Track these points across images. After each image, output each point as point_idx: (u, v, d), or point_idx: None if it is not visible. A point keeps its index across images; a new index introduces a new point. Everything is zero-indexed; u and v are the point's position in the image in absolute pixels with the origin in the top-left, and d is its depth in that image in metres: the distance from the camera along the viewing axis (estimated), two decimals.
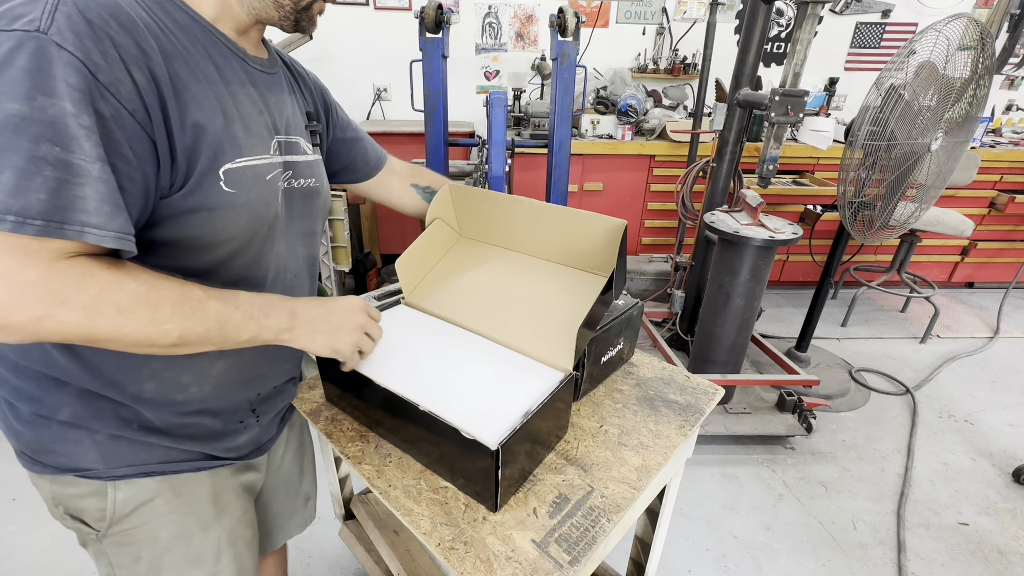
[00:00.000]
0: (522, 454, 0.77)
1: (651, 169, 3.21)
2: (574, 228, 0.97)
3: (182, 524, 0.79)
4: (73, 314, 0.51)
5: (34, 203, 0.47)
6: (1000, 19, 2.57)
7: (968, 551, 1.75)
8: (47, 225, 0.48)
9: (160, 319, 0.56)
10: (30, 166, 0.47)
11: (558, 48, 2.09)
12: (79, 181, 0.49)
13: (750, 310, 2.05)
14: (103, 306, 0.52)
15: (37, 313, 0.49)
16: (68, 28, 0.49)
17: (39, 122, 0.47)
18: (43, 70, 0.48)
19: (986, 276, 3.64)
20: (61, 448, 0.70)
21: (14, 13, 0.49)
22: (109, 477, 0.72)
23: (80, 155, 0.50)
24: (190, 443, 0.76)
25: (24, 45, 0.48)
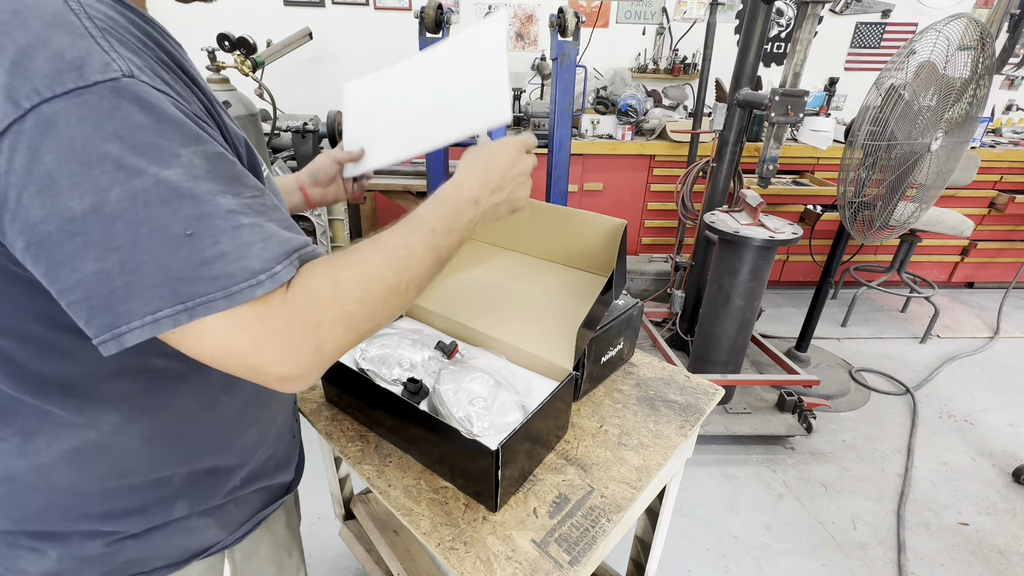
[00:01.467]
0: (522, 454, 0.77)
1: (651, 169, 3.21)
2: (574, 228, 0.97)
3: (278, 559, 0.80)
4: (333, 329, 0.49)
5: (260, 254, 0.44)
6: (1000, 19, 2.56)
7: (968, 551, 1.75)
8: (287, 265, 0.46)
9: (390, 285, 0.53)
10: (231, 223, 0.43)
11: (558, 48, 2.09)
12: (262, 218, 0.46)
13: (750, 310, 2.05)
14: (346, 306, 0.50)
15: (311, 347, 0.47)
16: (142, 64, 0.43)
17: (199, 177, 0.42)
18: (162, 119, 0.41)
19: (986, 276, 3.64)
20: (179, 542, 0.63)
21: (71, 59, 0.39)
22: (233, 543, 0.69)
23: (248, 193, 0.46)
24: (275, 476, 0.75)
25: (126, 97, 0.40)
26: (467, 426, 0.78)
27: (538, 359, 0.91)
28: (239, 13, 3.19)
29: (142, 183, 0.40)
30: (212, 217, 0.42)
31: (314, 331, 0.48)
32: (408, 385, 0.85)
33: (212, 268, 0.42)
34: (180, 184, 0.41)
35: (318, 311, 0.48)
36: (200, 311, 0.42)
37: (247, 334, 0.44)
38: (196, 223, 0.41)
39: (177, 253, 0.41)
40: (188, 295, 0.41)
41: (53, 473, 0.54)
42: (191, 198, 0.41)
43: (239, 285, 0.42)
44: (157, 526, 0.61)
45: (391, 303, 0.54)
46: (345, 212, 2.56)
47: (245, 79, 2.30)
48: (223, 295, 0.42)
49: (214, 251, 0.42)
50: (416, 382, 0.85)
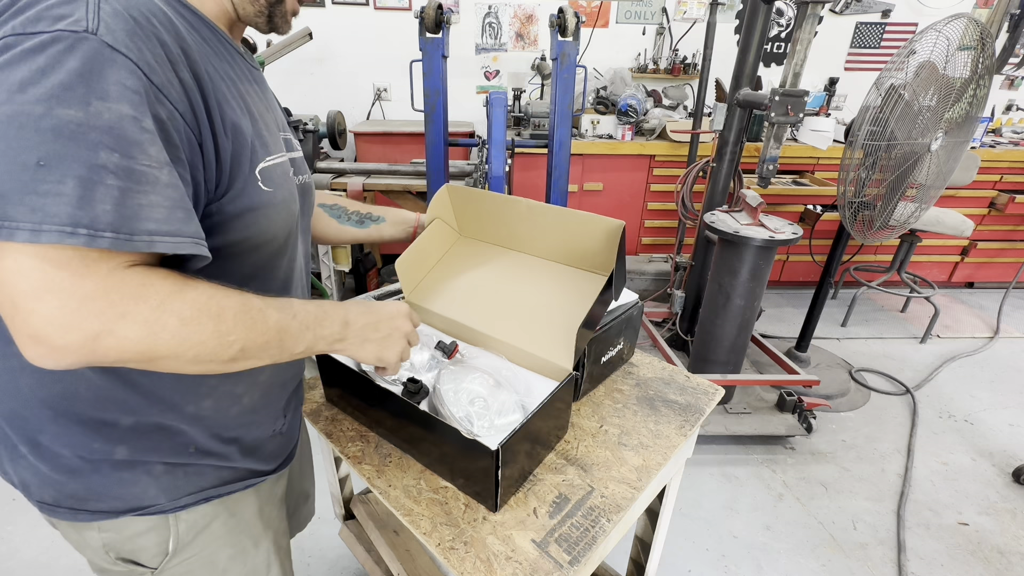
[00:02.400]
0: (522, 454, 0.77)
1: (651, 169, 3.21)
2: (573, 228, 0.97)
3: (237, 543, 0.79)
4: (133, 328, 0.47)
5: (101, 215, 0.44)
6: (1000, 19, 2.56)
7: (968, 551, 1.75)
8: (116, 238, 0.45)
9: (223, 330, 0.52)
10: (92, 175, 0.44)
11: (558, 48, 2.09)
12: (145, 188, 0.47)
13: (750, 310, 2.05)
14: (165, 317, 0.48)
15: (96, 329, 0.45)
16: (118, 28, 0.47)
17: (96, 128, 0.44)
18: (96, 72, 0.45)
19: (986, 276, 3.64)
20: (117, 490, 0.65)
21: (55, 13, 0.45)
22: (172, 509, 0.69)
23: (144, 160, 0.47)
24: (240, 460, 0.74)
25: (74, 47, 0.44)
26: (467, 426, 0.78)
27: (538, 359, 0.91)
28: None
29: (31, 109, 0.43)
30: (75, 161, 0.43)
31: (112, 319, 0.46)
32: (408, 385, 0.85)
33: (39, 200, 0.42)
34: (67, 124, 0.43)
35: (136, 304, 0.47)
36: (3, 233, 0.42)
37: (36, 275, 0.43)
38: (55, 159, 0.43)
39: (18, 175, 0.42)
40: (2, 215, 0.42)
41: (20, 377, 0.60)
42: (68, 138, 0.43)
43: (52, 225, 0.42)
44: (96, 462, 0.64)
45: (206, 343, 0.51)
46: None
47: None
48: (30, 227, 0.42)
49: (52, 187, 0.43)
50: (416, 382, 0.85)
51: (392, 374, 0.77)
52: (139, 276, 0.48)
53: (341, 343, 0.68)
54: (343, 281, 2.93)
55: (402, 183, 2.64)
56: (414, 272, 1.09)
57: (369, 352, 0.71)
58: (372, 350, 0.71)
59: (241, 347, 0.54)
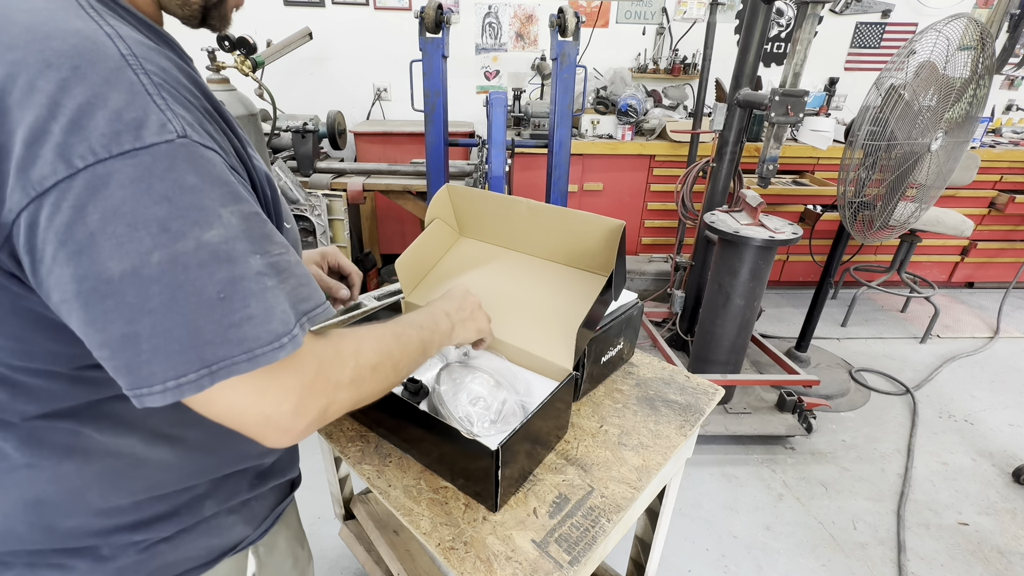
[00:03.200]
0: (522, 454, 0.77)
1: (651, 169, 3.21)
2: (573, 228, 0.97)
3: (293, 551, 0.84)
4: (347, 391, 0.51)
5: (283, 316, 0.45)
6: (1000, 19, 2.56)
7: (968, 551, 1.75)
8: (301, 329, 0.46)
9: (395, 362, 0.58)
10: (258, 285, 0.44)
11: (558, 48, 2.09)
12: (287, 275, 0.46)
13: (750, 310, 2.05)
14: (362, 372, 0.53)
15: (324, 404, 0.49)
16: (190, 117, 0.43)
17: (237, 237, 0.43)
18: (208, 179, 0.42)
19: (986, 276, 3.64)
20: (207, 541, 0.65)
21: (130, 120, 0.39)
22: (258, 537, 0.71)
23: (276, 250, 0.46)
24: (288, 471, 0.77)
25: (178, 158, 0.40)
26: (467, 426, 0.78)
27: (538, 359, 0.91)
28: (239, 13, 3.18)
29: (184, 246, 0.40)
30: (244, 279, 0.43)
31: (332, 390, 0.50)
32: (408, 385, 0.85)
33: (240, 331, 0.42)
34: (219, 246, 0.42)
35: (342, 370, 0.51)
36: (223, 374, 0.42)
37: (264, 394, 0.45)
38: (229, 286, 0.42)
39: (209, 316, 0.41)
40: (214, 358, 0.42)
41: (85, 493, 0.54)
42: (227, 260, 0.42)
43: (263, 348, 0.43)
44: (188, 527, 0.62)
45: (389, 378, 0.58)
46: (345, 212, 2.57)
47: (245, 79, 2.30)
48: (247, 358, 0.43)
49: (243, 314, 0.43)
50: (416, 382, 0.85)
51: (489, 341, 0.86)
52: (328, 347, 0.51)
53: (452, 332, 0.74)
54: None
55: (402, 183, 2.64)
56: (414, 272, 1.09)
57: (471, 330, 0.79)
58: (472, 327, 0.79)
59: (408, 369, 0.61)
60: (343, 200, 2.55)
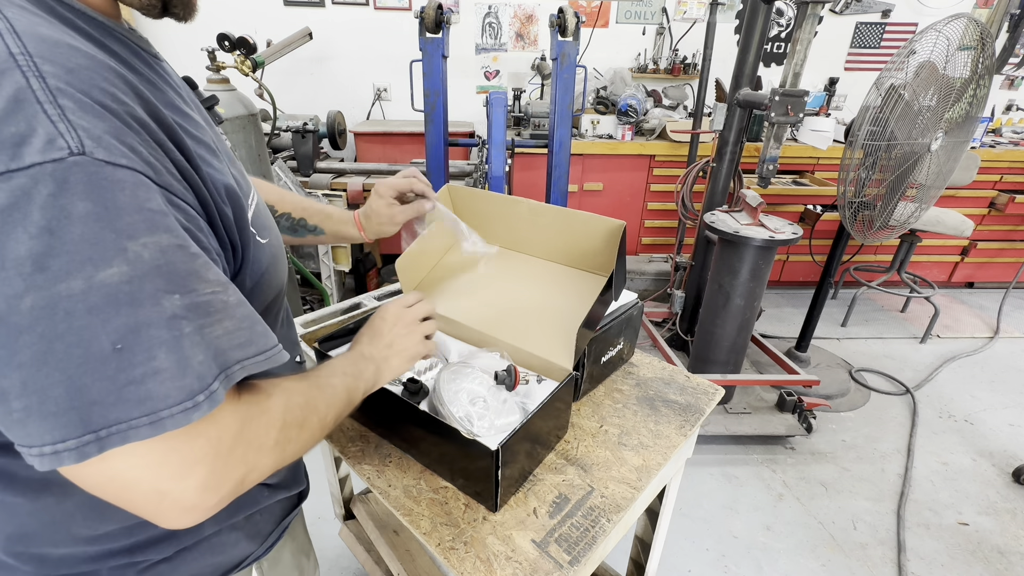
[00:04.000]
0: (522, 454, 0.77)
1: (651, 169, 3.21)
2: (574, 229, 0.97)
3: (298, 563, 0.83)
4: (271, 456, 0.46)
5: (201, 370, 0.39)
6: (1000, 19, 2.57)
7: (968, 551, 1.75)
8: (223, 382, 0.40)
9: (322, 417, 0.54)
10: (172, 332, 0.37)
11: (558, 48, 2.09)
12: (217, 318, 0.40)
13: (750, 310, 2.05)
14: (289, 433, 0.49)
15: (242, 473, 0.44)
16: (99, 129, 0.35)
17: (146, 275, 0.36)
18: (111, 206, 0.35)
19: (986, 276, 3.64)
20: (211, 559, 0.62)
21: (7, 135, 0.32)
22: (263, 553, 0.69)
23: (205, 289, 0.40)
24: (292, 486, 0.75)
25: (69, 182, 0.33)
26: (467, 426, 0.78)
27: (538, 359, 0.91)
28: (239, 13, 3.19)
29: (67, 288, 0.33)
30: (150, 326, 0.36)
31: (254, 455, 0.44)
32: (408, 385, 0.85)
33: (140, 388, 0.36)
34: (118, 287, 0.35)
35: (267, 432, 0.46)
36: (116, 440, 0.35)
37: (161, 466, 0.39)
38: (130, 335, 0.35)
39: (99, 372, 0.35)
40: (103, 422, 0.35)
41: (70, 525, 0.51)
42: (129, 304, 0.35)
43: (170, 409, 0.37)
44: (188, 546, 0.59)
45: (315, 436, 0.54)
46: None
47: (245, 79, 2.30)
48: (148, 421, 0.36)
49: (147, 368, 0.36)
50: (416, 382, 0.85)
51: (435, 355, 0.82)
52: (254, 404, 0.46)
53: (378, 374, 0.69)
54: (343, 281, 2.93)
55: None
56: (414, 272, 1.09)
57: (400, 361, 0.72)
58: (402, 359, 0.72)
59: (333, 419, 0.57)
60: (343, 200, 2.55)
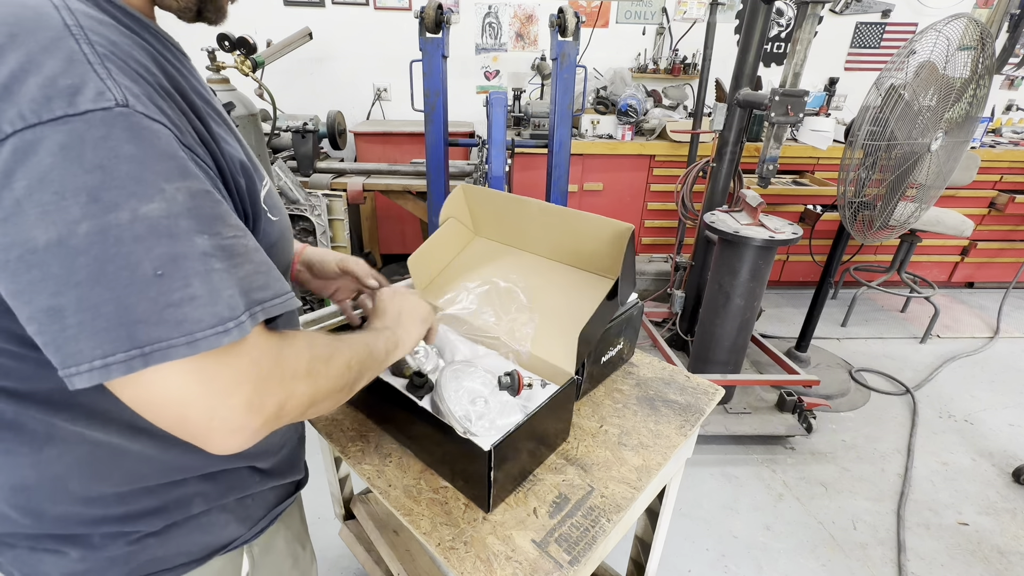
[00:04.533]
0: (519, 456, 0.77)
1: (651, 169, 3.21)
2: (582, 230, 0.97)
3: (293, 551, 0.82)
4: (304, 384, 0.49)
5: (231, 301, 0.43)
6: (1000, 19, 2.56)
7: (968, 551, 1.75)
8: (252, 316, 0.44)
9: (345, 360, 0.56)
10: (205, 266, 0.41)
11: (558, 48, 2.09)
12: (240, 261, 0.44)
13: (750, 310, 2.05)
14: (317, 366, 0.51)
15: (282, 398, 0.47)
16: (139, 90, 0.41)
17: (181, 214, 0.41)
18: (152, 152, 0.40)
19: (986, 276, 3.64)
20: (199, 538, 0.64)
21: (64, 86, 0.37)
22: (252, 538, 0.70)
23: (229, 233, 0.44)
24: (287, 474, 0.76)
25: (116, 127, 0.38)
26: (466, 424, 0.77)
27: (542, 362, 0.91)
28: (239, 13, 3.19)
29: (117, 218, 0.38)
30: (186, 258, 0.40)
31: (290, 380, 0.48)
32: (414, 379, 0.85)
33: (178, 311, 0.40)
34: (158, 221, 0.39)
35: (297, 359, 0.49)
36: (158, 356, 0.39)
37: (211, 383, 0.42)
38: (170, 263, 0.40)
39: (143, 293, 0.39)
40: (147, 339, 0.39)
41: (67, 481, 0.53)
42: (168, 236, 0.40)
43: (204, 332, 0.41)
44: (177, 522, 0.61)
45: (343, 376, 0.56)
46: (345, 212, 2.57)
47: (245, 79, 2.30)
48: (186, 341, 0.40)
49: (184, 294, 0.40)
50: (422, 376, 0.85)
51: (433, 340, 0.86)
52: (280, 337, 0.49)
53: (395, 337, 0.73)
54: None
55: (402, 183, 2.64)
56: (426, 269, 1.09)
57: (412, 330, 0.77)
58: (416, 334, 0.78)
59: (358, 370, 0.59)
60: (343, 200, 2.55)
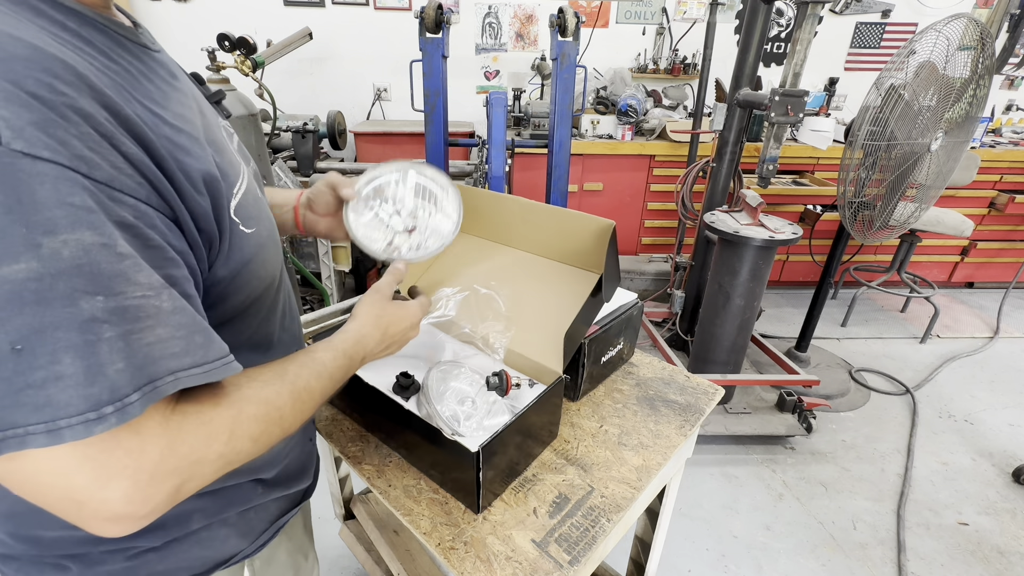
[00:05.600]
0: (508, 455, 0.77)
1: (651, 169, 3.21)
2: (564, 228, 0.97)
3: (295, 563, 0.81)
4: (212, 466, 0.44)
5: (117, 378, 0.36)
6: (1000, 19, 2.56)
7: (968, 551, 1.75)
8: (144, 396, 0.38)
9: (287, 425, 0.51)
10: (86, 336, 0.35)
11: (558, 48, 2.09)
12: (148, 324, 0.38)
13: (750, 310, 2.05)
14: (238, 444, 0.46)
15: (175, 484, 0.41)
16: (23, 121, 0.33)
17: (63, 274, 0.34)
18: (27, 199, 0.33)
19: (986, 276, 3.64)
20: (199, 552, 0.62)
21: None
22: (254, 551, 0.68)
23: (135, 292, 0.38)
24: (296, 483, 0.74)
25: None
26: (453, 426, 0.77)
27: (530, 361, 0.90)
28: (239, 13, 3.19)
29: None
30: (58, 328, 0.34)
31: (189, 467, 0.42)
32: (399, 380, 0.84)
33: (40, 394, 0.34)
34: (22, 284, 0.33)
35: (207, 446, 0.43)
36: (13, 444, 0.34)
37: (79, 472, 0.37)
38: (32, 336, 0.34)
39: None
40: (1, 424, 0.34)
41: None
42: (34, 303, 0.34)
43: (70, 419, 0.35)
44: (177, 538, 0.59)
45: (272, 440, 0.50)
46: None
47: (245, 79, 2.30)
48: (44, 429, 0.34)
49: (48, 372, 0.34)
50: (408, 376, 0.84)
51: None
52: (194, 415, 0.43)
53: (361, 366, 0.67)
54: (343, 281, 2.93)
55: None
56: (411, 271, 1.09)
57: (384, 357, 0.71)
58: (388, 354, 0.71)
59: (300, 423, 0.54)
60: None
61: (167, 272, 0.41)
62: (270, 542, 0.71)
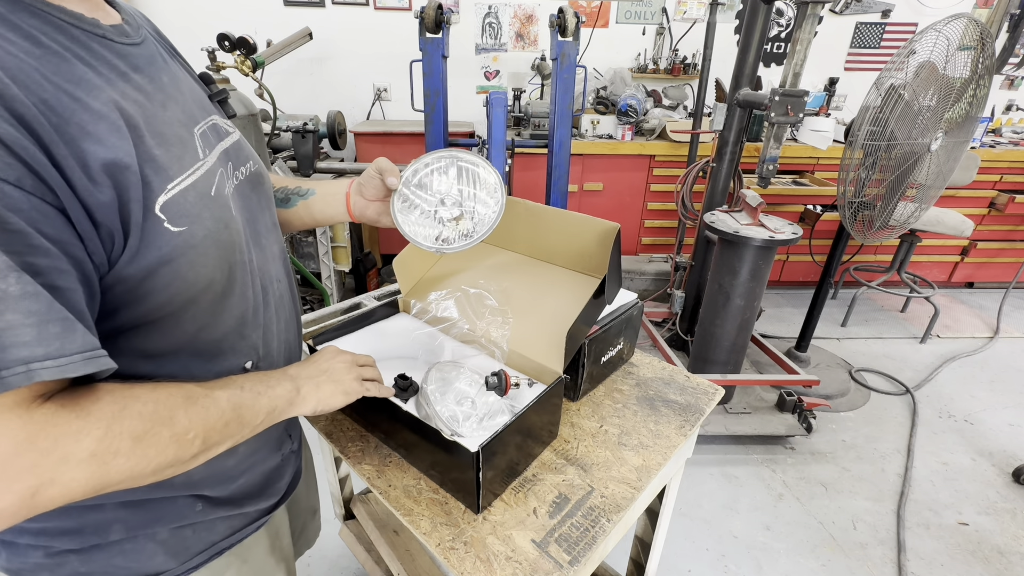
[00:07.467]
0: (508, 454, 0.77)
1: (651, 169, 3.21)
2: (569, 230, 0.97)
3: None
4: (80, 468, 0.40)
5: None
6: (1000, 19, 2.56)
7: (968, 551, 1.75)
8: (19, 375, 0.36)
9: (180, 431, 0.47)
10: None
11: (558, 48, 2.09)
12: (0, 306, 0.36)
13: (750, 310, 2.05)
14: (115, 443, 0.42)
15: (32, 485, 0.38)
16: None
17: None
18: None
19: (986, 276, 3.64)
20: (121, 562, 0.59)
21: None
22: (186, 572, 0.64)
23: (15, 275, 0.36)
24: (252, 503, 0.70)
25: None
26: (452, 426, 0.77)
27: (530, 362, 0.91)
28: (239, 13, 3.19)
29: None
30: None
31: (53, 466, 0.39)
32: (398, 381, 0.84)
33: None
34: None
35: (76, 441, 0.40)
36: None
37: None
38: None
39: None
40: None
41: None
42: None
43: None
44: (99, 545, 0.58)
45: (167, 452, 0.46)
46: None
47: (245, 79, 2.30)
48: None
49: None
50: (406, 379, 0.84)
51: (377, 394, 0.75)
52: (69, 408, 0.40)
53: (299, 395, 0.63)
54: (343, 281, 2.93)
55: None
56: (412, 270, 1.09)
57: (329, 392, 0.67)
58: (330, 390, 0.68)
59: (202, 440, 0.50)
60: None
61: (27, 260, 0.38)
62: (207, 564, 0.66)
